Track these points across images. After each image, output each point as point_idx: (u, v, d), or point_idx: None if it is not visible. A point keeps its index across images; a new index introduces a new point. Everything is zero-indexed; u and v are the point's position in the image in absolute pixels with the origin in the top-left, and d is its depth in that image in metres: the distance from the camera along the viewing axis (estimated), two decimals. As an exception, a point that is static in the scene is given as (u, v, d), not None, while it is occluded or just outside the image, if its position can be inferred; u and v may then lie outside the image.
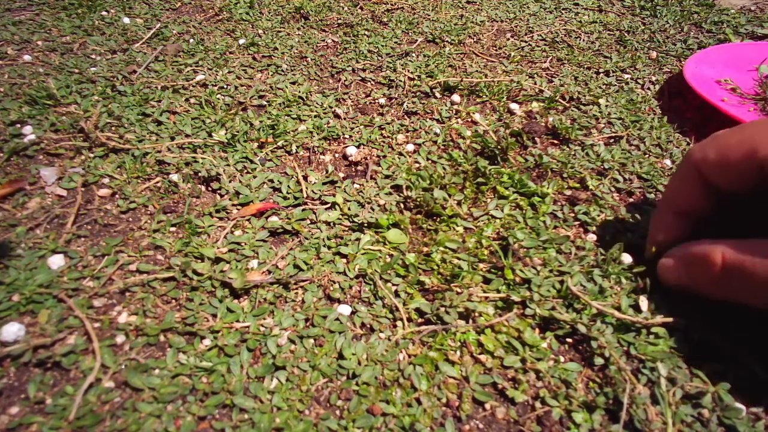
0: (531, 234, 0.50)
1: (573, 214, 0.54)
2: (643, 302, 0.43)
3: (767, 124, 0.37)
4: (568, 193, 0.57)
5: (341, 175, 0.60)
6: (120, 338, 0.41)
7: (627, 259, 0.48)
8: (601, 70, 0.82)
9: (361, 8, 1.05)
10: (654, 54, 0.87)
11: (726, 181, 0.39)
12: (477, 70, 0.80)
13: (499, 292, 0.45)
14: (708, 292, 0.40)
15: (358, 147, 0.63)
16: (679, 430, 0.36)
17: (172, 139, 0.63)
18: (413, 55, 0.86)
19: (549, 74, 0.81)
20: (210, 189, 0.57)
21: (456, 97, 0.74)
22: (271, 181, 0.58)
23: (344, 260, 0.48)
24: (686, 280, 0.41)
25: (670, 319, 0.41)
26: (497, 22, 1.01)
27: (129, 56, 0.82)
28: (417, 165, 0.61)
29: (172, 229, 0.52)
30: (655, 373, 0.39)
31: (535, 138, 0.65)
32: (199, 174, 0.57)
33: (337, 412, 0.37)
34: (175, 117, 0.68)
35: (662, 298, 0.44)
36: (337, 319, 0.43)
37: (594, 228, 0.52)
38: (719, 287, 0.38)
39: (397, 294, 0.45)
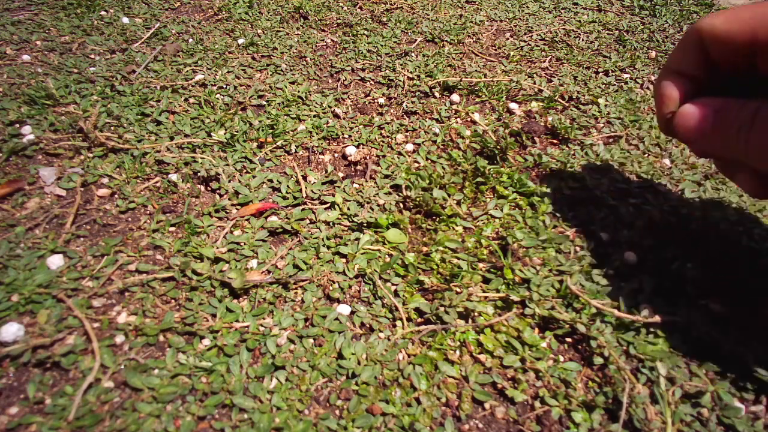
0: (530, 233, 0.50)
1: (572, 214, 0.54)
2: (644, 305, 0.43)
3: None
4: (568, 192, 0.57)
5: (340, 174, 0.60)
6: (119, 338, 0.41)
7: (630, 257, 0.48)
8: (600, 70, 0.82)
9: (361, 8, 1.05)
10: (653, 53, 0.87)
11: (723, 56, 0.37)
12: (476, 70, 0.80)
13: (498, 291, 0.45)
14: (724, 151, 0.37)
15: (357, 147, 0.63)
16: (679, 430, 0.36)
17: (171, 138, 0.63)
18: (412, 54, 0.86)
19: (548, 74, 0.81)
20: (209, 189, 0.57)
21: (455, 97, 0.74)
22: (271, 180, 0.58)
23: (344, 260, 0.48)
24: (702, 136, 0.38)
25: (669, 318, 0.41)
26: (496, 21, 1.01)
27: (128, 56, 0.82)
28: (416, 165, 0.61)
29: (172, 228, 0.52)
30: (655, 372, 0.39)
31: (535, 137, 0.65)
32: (199, 174, 0.57)
33: (337, 411, 0.37)
34: (174, 117, 0.68)
35: (662, 298, 0.44)
36: (337, 318, 0.43)
37: (593, 227, 0.52)
38: (740, 146, 0.35)
39: (396, 294, 0.45)
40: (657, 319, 0.41)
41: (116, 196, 0.56)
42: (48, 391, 0.38)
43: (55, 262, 0.47)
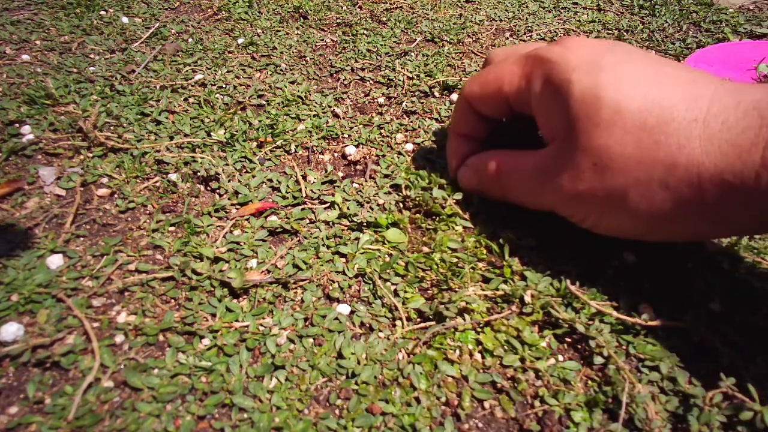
0: (530, 233, 0.50)
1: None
2: (644, 305, 0.43)
3: (511, 60, 0.44)
4: (567, 192, 0.57)
5: (340, 174, 0.60)
6: (119, 338, 0.41)
7: (630, 257, 0.48)
8: (599, 70, 0.82)
9: (360, 7, 1.05)
10: (653, 53, 0.87)
11: (488, 111, 0.48)
12: (476, 70, 0.80)
13: (498, 290, 0.45)
14: (493, 194, 0.49)
15: (357, 146, 0.63)
16: (680, 428, 0.36)
17: (171, 138, 0.63)
18: (412, 54, 0.86)
19: (548, 73, 0.81)
20: (209, 188, 0.57)
21: (455, 97, 0.74)
22: (270, 180, 0.58)
23: (343, 260, 0.48)
24: (477, 185, 0.51)
25: (670, 323, 0.41)
26: (496, 21, 1.01)
27: (127, 56, 0.82)
28: (416, 164, 0.60)
29: (171, 228, 0.52)
30: (655, 372, 0.39)
31: (534, 137, 0.65)
32: (198, 173, 0.57)
33: (337, 411, 0.37)
34: (173, 116, 0.68)
35: (662, 298, 0.44)
36: (336, 318, 0.43)
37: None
38: (499, 189, 0.48)
39: (396, 293, 0.45)
40: (657, 322, 0.41)
41: (116, 195, 0.56)
42: (48, 391, 0.38)
43: (55, 261, 0.47)
